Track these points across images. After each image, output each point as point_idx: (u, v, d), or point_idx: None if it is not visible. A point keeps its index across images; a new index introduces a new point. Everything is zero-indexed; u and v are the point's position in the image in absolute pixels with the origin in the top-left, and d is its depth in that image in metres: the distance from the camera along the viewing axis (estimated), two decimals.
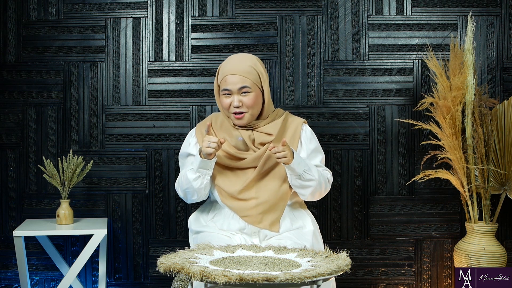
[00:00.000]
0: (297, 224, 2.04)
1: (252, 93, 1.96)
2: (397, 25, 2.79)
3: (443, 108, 2.47)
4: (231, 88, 1.95)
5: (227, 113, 2.01)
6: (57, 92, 2.80)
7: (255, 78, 1.97)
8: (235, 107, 1.96)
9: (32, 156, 2.79)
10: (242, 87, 1.95)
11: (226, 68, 1.99)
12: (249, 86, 1.95)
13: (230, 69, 1.97)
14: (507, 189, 2.56)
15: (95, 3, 2.80)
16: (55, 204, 2.76)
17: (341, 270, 1.49)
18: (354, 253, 2.78)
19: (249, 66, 1.97)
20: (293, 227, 2.01)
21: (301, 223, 2.05)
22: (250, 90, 1.95)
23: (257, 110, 2.01)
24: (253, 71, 1.97)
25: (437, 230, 2.79)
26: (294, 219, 2.04)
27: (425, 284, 2.79)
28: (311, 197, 2.01)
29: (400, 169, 2.79)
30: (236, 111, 1.97)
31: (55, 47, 2.79)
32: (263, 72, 2.01)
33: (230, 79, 1.96)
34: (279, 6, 2.80)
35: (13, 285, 2.80)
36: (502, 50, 2.78)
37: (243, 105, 1.95)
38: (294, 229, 2.01)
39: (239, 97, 1.95)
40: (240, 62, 1.99)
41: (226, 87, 1.96)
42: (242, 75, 1.95)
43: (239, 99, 1.95)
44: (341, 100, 2.79)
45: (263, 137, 2.01)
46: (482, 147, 2.46)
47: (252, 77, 1.96)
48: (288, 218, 2.03)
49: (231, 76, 1.96)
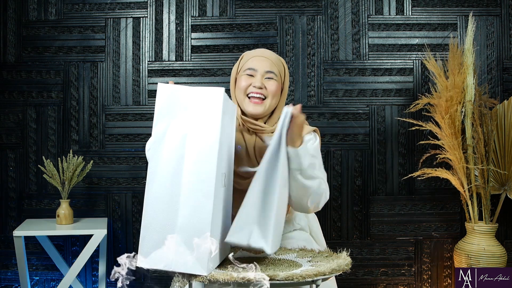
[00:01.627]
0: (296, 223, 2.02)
1: (276, 82, 1.80)
2: (397, 25, 2.79)
3: (442, 108, 2.48)
4: (257, 68, 1.79)
5: (241, 96, 1.81)
6: (57, 92, 2.80)
7: (281, 70, 1.85)
8: (256, 87, 1.77)
9: (32, 156, 2.79)
10: (268, 71, 1.79)
11: (255, 52, 1.86)
12: (275, 73, 1.80)
13: (260, 53, 1.84)
14: (507, 189, 2.56)
15: (95, 3, 2.80)
16: (55, 204, 2.76)
17: (341, 269, 1.49)
18: (354, 253, 2.78)
19: (278, 57, 1.86)
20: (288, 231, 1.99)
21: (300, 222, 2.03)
22: (275, 78, 1.80)
23: (275, 103, 1.82)
24: (281, 64, 1.86)
25: (437, 230, 2.79)
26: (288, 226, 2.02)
27: (425, 284, 2.79)
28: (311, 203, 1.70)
29: (400, 169, 2.79)
30: (255, 92, 1.78)
31: (55, 47, 2.79)
32: (287, 70, 1.89)
33: (258, 60, 1.80)
34: (279, 6, 2.80)
35: (13, 285, 2.80)
36: (502, 50, 2.78)
37: (265, 89, 1.78)
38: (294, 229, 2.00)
39: (262, 80, 1.79)
40: (270, 52, 1.87)
41: (252, 66, 1.79)
42: (272, 60, 1.82)
43: (261, 81, 1.78)
44: (341, 100, 2.79)
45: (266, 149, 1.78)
46: (482, 147, 2.46)
47: (279, 67, 1.84)
48: None
49: (260, 58, 1.81)
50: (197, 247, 1.35)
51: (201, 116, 1.40)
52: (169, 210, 1.37)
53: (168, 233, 1.36)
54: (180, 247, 1.35)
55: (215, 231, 1.41)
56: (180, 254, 1.35)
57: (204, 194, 1.36)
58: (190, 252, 1.35)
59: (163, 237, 1.36)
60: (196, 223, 1.35)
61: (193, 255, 1.35)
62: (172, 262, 1.36)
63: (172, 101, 1.42)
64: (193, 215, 1.36)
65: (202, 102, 1.41)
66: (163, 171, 1.39)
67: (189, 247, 1.35)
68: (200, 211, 1.36)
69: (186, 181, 1.38)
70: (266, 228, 1.47)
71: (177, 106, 1.42)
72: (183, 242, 1.35)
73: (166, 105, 1.41)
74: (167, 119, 1.41)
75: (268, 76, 1.79)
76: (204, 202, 1.36)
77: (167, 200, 1.38)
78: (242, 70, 1.83)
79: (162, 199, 1.38)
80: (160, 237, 1.36)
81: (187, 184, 1.37)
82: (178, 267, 1.35)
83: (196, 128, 1.40)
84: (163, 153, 1.39)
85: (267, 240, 1.45)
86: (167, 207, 1.38)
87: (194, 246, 1.34)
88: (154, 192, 1.38)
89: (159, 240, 1.36)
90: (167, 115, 1.41)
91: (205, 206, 1.36)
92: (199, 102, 1.41)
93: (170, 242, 1.36)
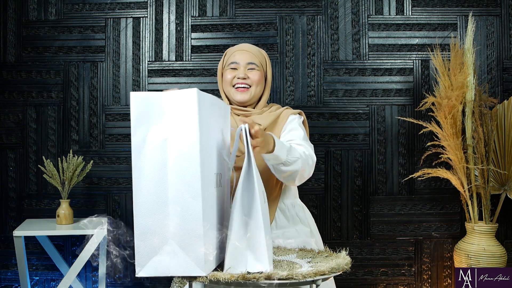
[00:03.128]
0: (295, 223, 2.03)
1: (258, 71, 1.99)
2: (397, 25, 2.79)
3: (446, 108, 2.47)
4: (239, 61, 1.98)
5: (229, 88, 2.00)
6: (57, 92, 2.80)
7: (262, 60, 2.03)
8: (240, 78, 1.96)
9: (32, 156, 2.79)
10: (250, 62, 1.98)
11: (235, 47, 2.05)
12: (256, 64, 1.99)
13: (240, 47, 2.04)
14: (507, 189, 2.56)
15: (95, 3, 2.80)
16: (55, 204, 2.76)
17: (341, 269, 1.49)
18: (354, 253, 2.78)
19: (258, 49, 2.05)
20: (291, 226, 2.00)
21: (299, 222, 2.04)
22: (257, 68, 1.99)
23: (259, 91, 2.01)
24: (260, 54, 2.04)
25: (437, 230, 2.79)
26: (292, 217, 2.03)
27: (425, 284, 2.79)
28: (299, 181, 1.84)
29: (400, 169, 2.79)
30: (240, 82, 1.97)
31: (55, 47, 2.79)
32: (268, 60, 2.07)
33: (239, 54, 2.00)
34: (279, 6, 2.80)
35: (13, 285, 2.79)
36: (502, 50, 2.78)
37: (249, 78, 1.98)
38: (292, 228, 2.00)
39: (245, 71, 1.99)
40: (249, 45, 2.06)
41: (234, 60, 1.99)
42: (252, 52, 2.01)
43: (245, 72, 1.98)
44: (341, 100, 2.79)
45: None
46: (482, 147, 2.46)
47: (260, 58, 2.02)
48: (286, 215, 2.02)
49: (241, 51, 2.00)
50: (192, 249, 1.35)
51: (179, 119, 1.40)
52: (159, 217, 1.38)
53: (162, 239, 1.37)
54: (175, 251, 1.36)
55: (210, 231, 1.41)
56: (176, 258, 1.36)
57: (192, 196, 1.36)
58: (186, 255, 1.36)
59: (158, 244, 1.37)
60: (188, 226, 1.36)
61: (189, 258, 1.35)
62: (170, 267, 1.36)
63: (147, 108, 1.42)
64: (184, 218, 1.36)
65: (177, 105, 1.41)
66: (147, 179, 1.39)
67: (184, 250, 1.36)
68: (190, 213, 1.36)
69: (172, 186, 1.38)
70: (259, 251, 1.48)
71: (153, 113, 1.42)
72: (178, 246, 1.36)
73: (142, 112, 1.41)
74: (145, 127, 1.41)
75: (250, 67, 1.98)
76: (193, 204, 1.36)
77: (156, 207, 1.38)
78: (226, 65, 2.02)
79: (151, 207, 1.38)
80: (154, 245, 1.37)
81: (174, 188, 1.38)
82: (176, 272, 1.36)
83: (175, 131, 1.40)
84: (145, 161, 1.40)
85: (263, 262, 1.46)
86: (157, 214, 1.38)
87: (189, 248, 1.35)
88: (142, 202, 1.39)
89: (154, 248, 1.37)
90: (144, 123, 1.41)
91: (194, 208, 1.36)
92: (174, 105, 1.41)
93: (165, 248, 1.37)
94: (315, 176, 2.78)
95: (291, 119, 1.97)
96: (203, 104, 1.44)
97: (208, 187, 1.42)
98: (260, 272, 1.43)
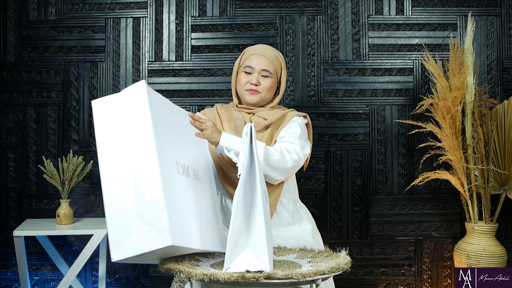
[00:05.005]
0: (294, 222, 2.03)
1: (271, 79, 2.07)
2: (397, 25, 2.79)
3: (443, 109, 2.47)
4: (254, 66, 2.06)
5: (242, 90, 2.09)
6: (57, 92, 2.80)
7: (278, 66, 2.10)
8: (253, 84, 2.05)
9: (32, 156, 2.79)
10: (264, 69, 2.06)
11: (254, 49, 2.12)
12: (270, 71, 2.06)
13: (258, 51, 2.09)
14: (507, 189, 2.56)
15: (95, 3, 2.80)
16: (55, 204, 2.76)
17: (341, 268, 1.49)
18: (354, 253, 2.78)
19: (275, 54, 2.11)
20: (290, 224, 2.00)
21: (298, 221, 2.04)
22: (270, 76, 2.07)
23: (269, 96, 2.10)
24: (277, 60, 2.10)
25: (437, 230, 2.79)
26: (291, 217, 2.03)
27: (425, 284, 2.79)
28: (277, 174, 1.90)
29: (400, 169, 2.79)
30: (252, 87, 2.06)
31: (55, 47, 2.80)
32: (283, 65, 2.13)
33: (256, 59, 2.07)
34: (279, 6, 2.80)
35: (13, 285, 2.80)
36: (502, 50, 2.78)
37: (260, 85, 2.06)
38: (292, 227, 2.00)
39: (258, 78, 2.06)
40: (268, 49, 2.12)
41: (250, 64, 2.07)
42: (268, 58, 2.07)
43: (257, 79, 2.06)
44: (341, 100, 2.79)
45: (259, 121, 2.05)
46: (482, 147, 2.46)
47: (276, 64, 2.09)
48: (285, 214, 2.02)
49: (258, 56, 2.07)
50: (156, 223, 1.44)
51: (132, 111, 1.56)
52: (125, 204, 1.49)
53: (130, 222, 1.47)
54: (143, 229, 1.45)
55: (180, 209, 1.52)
56: (145, 235, 1.44)
57: (151, 178, 1.47)
58: (152, 229, 1.44)
59: (127, 227, 1.47)
60: (151, 203, 1.46)
61: (155, 231, 1.44)
62: (141, 245, 1.45)
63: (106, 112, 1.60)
64: (146, 198, 1.47)
65: (129, 100, 1.58)
66: (113, 171, 1.53)
67: (151, 226, 1.44)
68: (152, 192, 1.46)
69: (135, 174, 1.50)
70: (260, 248, 1.49)
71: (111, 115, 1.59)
72: (145, 224, 1.45)
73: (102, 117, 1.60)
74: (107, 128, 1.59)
75: (264, 74, 2.06)
76: (153, 183, 1.47)
77: (123, 197, 1.50)
78: (242, 66, 2.10)
79: (117, 196, 1.50)
80: (124, 229, 1.47)
81: (136, 176, 1.50)
82: (147, 247, 1.44)
83: (131, 123, 1.55)
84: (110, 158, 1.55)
85: (264, 260, 1.47)
86: (123, 201, 1.49)
87: (154, 223, 1.44)
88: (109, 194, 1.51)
89: (124, 232, 1.47)
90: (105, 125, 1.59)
91: (155, 186, 1.47)
92: (126, 101, 1.58)
93: (134, 229, 1.46)
94: (315, 176, 2.78)
95: (294, 119, 2.07)
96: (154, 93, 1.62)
97: (169, 172, 1.53)
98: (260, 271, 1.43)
